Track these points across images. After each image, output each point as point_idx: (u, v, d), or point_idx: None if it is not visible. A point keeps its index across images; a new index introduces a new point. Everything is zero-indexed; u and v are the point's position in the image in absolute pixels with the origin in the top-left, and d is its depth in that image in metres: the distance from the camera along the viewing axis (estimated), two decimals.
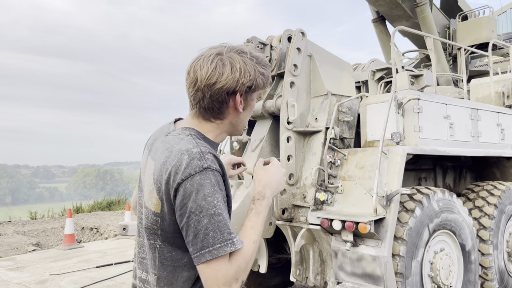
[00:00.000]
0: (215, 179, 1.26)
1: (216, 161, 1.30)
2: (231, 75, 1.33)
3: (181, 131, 1.40)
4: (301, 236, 3.88)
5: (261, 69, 1.40)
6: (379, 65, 5.55)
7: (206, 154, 1.28)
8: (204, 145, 1.33)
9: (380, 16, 6.72)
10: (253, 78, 1.37)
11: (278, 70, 4.35)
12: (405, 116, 3.94)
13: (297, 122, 4.14)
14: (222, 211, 1.23)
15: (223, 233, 1.21)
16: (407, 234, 3.53)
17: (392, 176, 3.57)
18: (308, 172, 4.04)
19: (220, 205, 1.23)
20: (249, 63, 1.37)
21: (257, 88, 1.41)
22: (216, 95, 1.35)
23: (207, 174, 1.24)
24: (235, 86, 1.34)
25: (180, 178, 1.24)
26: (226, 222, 1.23)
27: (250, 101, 1.45)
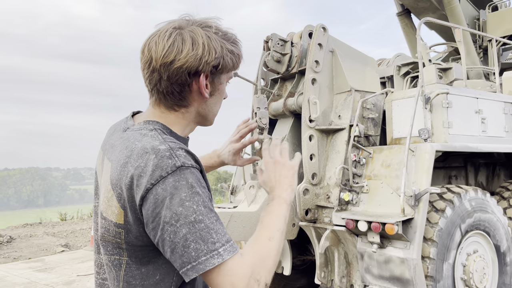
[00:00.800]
0: (194, 178, 1.04)
1: (190, 156, 1.08)
2: (192, 52, 1.11)
3: (143, 125, 1.17)
4: (325, 237, 3.75)
5: (229, 46, 1.18)
6: (404, 59, 5.36)
7: (176, 150, 1.07)
8: (173, 141, 1.11)
9: (405, 9, 6.50)
10: (219, 56, 1.14)
11: (299, 67, 4.24)
12: (433, 112, 3.76)
13: (320, 120, 4.02)
14: (203, 217, 1.01)
15: (206, 243, 0.99)
16: (438, 235, 3.36)
17: (420, 174, 3.40)
18: (332, 171, 3.92)
19: (201, 210, 1.01)
20: (215, 39, 1.15)
21: (225, 69, 1.18)
22: (175, 76, 1.12)
23: (182, 174, 1.02)
24: (198, 65, 1.12)
25: (149, 182, 1.02)
26: (209, 230, 1.00)
27: (219, 85, 1.21)
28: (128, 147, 1.11)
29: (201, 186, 1.06)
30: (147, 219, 1.03)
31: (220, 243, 1.00)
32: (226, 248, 1.01)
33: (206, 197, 1.05)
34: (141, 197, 1.03)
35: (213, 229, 1.01)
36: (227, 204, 5.02)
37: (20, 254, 8.96)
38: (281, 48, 4.25)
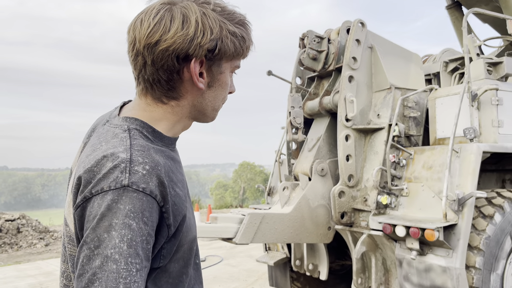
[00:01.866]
0: (137, 206, 0.83)
1: (151, 180, 0.86)
2: (181, 31, 0.92)
3: (121, 122, 0.99)
4: (361, 242, 3.58)
5: (232, 27, 0.96)
6: (452, 55, 5.03)
7: (136, 165, 0.86)
8: (143, 150, 0.90)
9: (455, 2, 6.11)
10: (216, 38, 0.94)
11: (337, 64, 4.09)
12: (481, 110, 3.48)
13: (357, 119, 3.85)
14: (120, 258, 0.79)
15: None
16: (485, 243, 3.10)
17: (465, 177, 3.15)
18: (370, 173, 3.73)
19: (122, 248, 0.79)
20: (213, 17, 0.95)
21: (226, 55, 0.97)
22: (160, 60, 0.93)
23: (123, 196, 0.82)
24: (187, 47, 0.92)
25: (89, 191, 0.85)
26: (118, 278, 0.78)
27: (218, 75, 1.00)
28: (93, 146, 0.96)
29: (142, 220, 0.83)
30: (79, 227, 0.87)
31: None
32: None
33: (142, 235, 0.82)
34: (77, 205, 0.87)
35: (125, 279, 0.79)
36: (264, 205, 4.95)
37: None
38: (317, 45, 4.12)
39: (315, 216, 3.82)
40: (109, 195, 0.83)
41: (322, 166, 3.91)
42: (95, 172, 0.87)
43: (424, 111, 3.95)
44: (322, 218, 3.85)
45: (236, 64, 1.04)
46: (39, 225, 10.91)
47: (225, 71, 1.02)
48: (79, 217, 0.87)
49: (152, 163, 0.89)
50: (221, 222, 3.57)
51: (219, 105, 1.07)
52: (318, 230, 3.85)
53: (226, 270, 6.90)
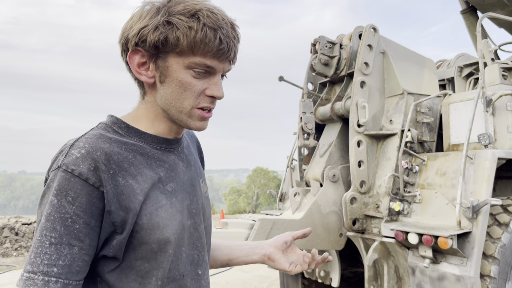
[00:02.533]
0: (63, 185, 0.88)
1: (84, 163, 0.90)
2: (124, 25, 1.00)
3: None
4: (373, 249, 3.54)
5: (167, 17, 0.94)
6: (467, 60, 4.96)
7: (74, 148, 0.91)
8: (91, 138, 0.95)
9: (470, 6, 6.04)
10: (142, 27, 0.95)
11: (348, 69, 4.07)
12: (496, 115, 3.42)
13: (369, 124, 3.82)
14: (40, 231, 0.87)
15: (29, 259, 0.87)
16: (500, 252, 3.03)
17: (480, 184, 3.09)
18: (382, 179, 3.69)
19: (42, 222, 0.88)
20: (152, 11, 0.96)
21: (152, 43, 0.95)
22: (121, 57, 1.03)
23: (56, 175, 0.89)
24: (124, 40, 0.99)
25: (48, 173, 0.95)
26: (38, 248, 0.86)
27: (165, 69, 0.98)
28: None
29: (66, 198, 0.87)
30: None
31: (32, 267, 0.85)
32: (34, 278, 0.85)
33: (63, 213, 0.87)
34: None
35: (39, 249, 0.86)
36: (276, 211, 4.93)
37: None
38: (329, 51, 4.11)
39: (326, 223, 3.79)
40: (50, 175, 0.92)
41: (334, 172, 3.88)
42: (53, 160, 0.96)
43: (438, 116, 3.90)
44: (333, 224, 3.82)
45: (192, 61, 0.96)
46: None
47: (173, 65, 0.97)
48: None
49: (91, 148, 0.92)
50: (232, 227, 3.57)
51: (183, 106, 1.00)
52: (330, 237, 3.81)
53: (238, 276, 6.88)
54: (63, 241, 0.87)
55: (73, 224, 0.88)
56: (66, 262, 0.87)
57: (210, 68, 0.99)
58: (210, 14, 0.95)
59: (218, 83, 1.02)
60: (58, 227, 0.87)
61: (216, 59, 0.98)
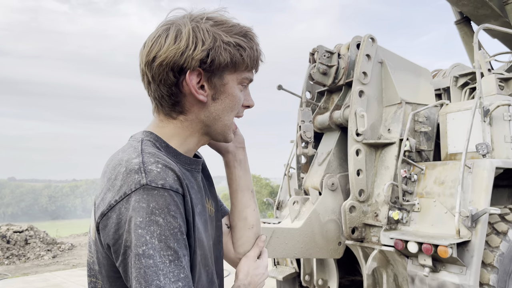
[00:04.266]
0: (160, 202, 0.87)
1: (167, 175, 0.90)
2: (173, 45, 0.96)
3: (138, 135, 1.04)
4: (372, 258, 3.55)
5: (229, 37, 0.98)
6: (462, 70, 5.03)
7: (149, 164, 0.90)
8: (153, 155, 0.94)
9: (464, 17, 6.14)
10: (208, 48, 0.95)
11: (347, 79, 4.10)
12: (494, 125, 3.47)
13: (368, 133, 3.85)
14: (154, 253, 0.84)
15: (149, 285, 0.83)
16: (498, 260, 3.06)
17: (478, 193, 3.12)
18: (381, 188, 3.71)
19: (153, 243, 0.85)
20: (206, 29, 0.97)
21: (223, 64, 0.98)
22: (158, 75, 0.97)
23: (144, 195, 0.86)
24: (180, 60, 0.95)
25: (113, 198, 0.89)
26: (157, 270, 0.84)
27: (222, 87, 1.01)
28: (112, 157, 1.01)
29: (169, 214, 0.87)
30: (110, 239, 0.89)
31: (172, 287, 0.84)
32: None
33: (172, 229, 0.87)
34: (102, 213, 0.90)
35: (163, 270, 0.85)
36: (273, 219, 4.93)
37: (79, 262, 9.39)
38: (327, 60, 4.15)
39: (325, 231, 3.80)
40: (132, 198, 0.87)
41: (333, 181, 3.89)
42: (112, 179, 0.92)
43: (435, 126, 3.94)
44: (332, 233, 3.83)
45: (244, 76, 1.04)
46: (46, 236, 10.95)
47: (229, 82, 1.02)
48: (104, 225, 0.90)
49: (164, 161, 0.93)
50: None
51: (229, 120, 1.05)
52: (329, 245, 3.82)
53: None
54: (179, 255, 0.88)
55: (181, 236, 0.89)
56: (185, 273, 0.88)
57: (251, 80, 1.08)
58: (254, 34, 1.04)
59: (249, 94, 1.11)
60: (171, 244, 0.87)
61: (253, 72, 1.08)
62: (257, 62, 1.05)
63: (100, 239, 0.93)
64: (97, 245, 0.96)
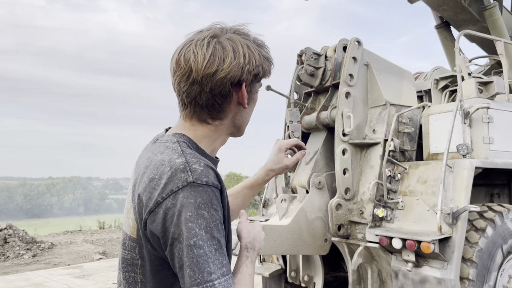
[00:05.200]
0: (205, 197, 0.98)
1: (207, 173, 1.01)
2: (234, 61, 1.07)
3: (170, 138, 1.13)
4: (358, 254, 3.67)
5: (265, 53, 1.14)
6: (443, 73, 5.22)
7: (193, 164, 1.01)
8: (193, 154, 1.06)
9: (444, 22, 6.34)
10: (259, 64, 1.11)
11: (333, 80, 4.22)
12: (473, 127, 3.63)
13: (354, 134, 3.97)
14: (203, 243, 0.95)
15: (202, 272, 0.94)
16: (477, 255, 3.22)
17: (459, 191, 3.28)
18: (366, 186, 3.84)
19: (201, 234, 0.95)
20: (252, 46, 1.11)
21: (263, 77, 1.16)
22: (218, 87, 1.07)
23: (192, 191, 0.97)
24: (240, 74, 1.08)
25: (160, 196, 0.99)
26: (207, 258, 0.95)
27: (254, 93, 1.19)
28: (149, 158, 1.10)
29: (212, 207, 0.98)
30: (158, 233, 0.99)
31: (216, 275, 0.95)
32: (221, 282, 0.95)
33: (214, 221, 0.98)
34: (150, 210, 1.00)
35: (211, 258, 0.95)
36: (259, 217, 5.01)
37: (60, 260, 9.28)
38: (314, 62, 4.25)
39: (312, 228, 3.90)
40: (179, 194, 0.97)
41: (320, 179, 4.00)
42: (157, 179, 1.02)
43: (418, 127, 4.10)
44: (319, 230, 3.94)
45: (260, 83, 1.21)
46: (26, 235, 10.76)
47: (257, 89, 1.21)
48: (152, 220, 1.00)
49: (204, 161, 1.05)
50: None
51: (249, 119, 1.24)
52: (315, 242, 3.93)
53: None
54: (221, 244, 0.99)
55: (221, 227, 1.01)
56: (227, 260, 1.00)
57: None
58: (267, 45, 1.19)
59: None
60: (216, 234, 0.98)
61: None
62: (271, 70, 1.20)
63: (147, 234, 1.02)
64: (140, 242, 1.06)
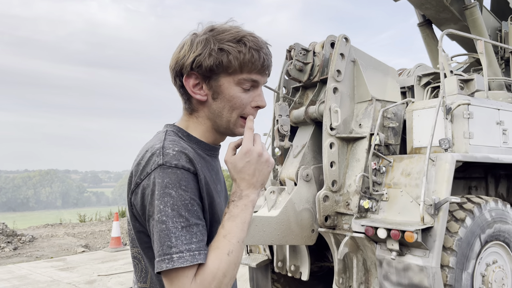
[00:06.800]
0: (172, 178, 1.03)
1: (180, 157, 1.06)
2: (177, 54, 1.17)
3: (164, 128, 1.24)
4: (344, 244, 3.81)
5: (217, 44, 1.12)
6: (425, 70, 5.40)
7: (167, 149, 1.08)
8: (173, 141, 1.12)
9: (426, 20, 6.53)
10: (198, 55, 1.12)
11: (321, 76, 4.33)
12: (454, 122, 3.80)
13: (341, 128, 4.09)
14: (167, 219, 1.01)
15: (163, 245, 0.99)
16: (457, 244, 3.39)
17: (441, 184, 3.44)
18: (352, 179, 3.98)
19: (166, 211, 1.01)
20: (202, 38, 1.14)
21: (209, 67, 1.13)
22: (172, 79, 1.20)
23: (161, 172, 1.04)
24: (179, 66, 1.16)
25: (139, 178, 1.08)
26: (169, 233, 1.00)
27: (218, 88, 1.15)
28: (142, 147, 1.19)
29: (180, 188, 1.03)
30: (140, 212, 1.09)
31: (177, 249, 0.99)
32: (182, 256, 0.98)
33: (183, 200, 1.03)
34: (132, 190, 1.10)
35: (175, 234, 1.00)
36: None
37: (42, 253, 9.20)
38: (303, 57, 4.35)
39: (300, 219, 4.03)
40: (152, 175, 1.05)
41: (307, 172, 4.12)
42: (140, 163, 1.10)
43: (402, 122, 4.25)
44: (306, 221, 4.06)
45: (241, 78, 1.15)
46: (6, 228, 10.61)
47: (224, 84, 1.15)
48: (134, 200, 1.09)
49: (181, 147, 1.10)
50: None
51: (232, 117, 1.18)
52: (303, 233, 4.05)
53: None
54: (191, 223, 1.03)
55: (192, 207, 1.05)
56: (198, 238, 1.03)
57: (255, 82, 1.18)
58: (252, 39, 1.15)
59: (261, 94, 1.21)
60: (183, 212, 1.03)
61: (259, 74, 1.18)
62: (253, 64, 1.14)
63: (134, 213, 1.12)
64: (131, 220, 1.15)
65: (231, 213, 1.10)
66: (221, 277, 1.02)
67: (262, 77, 1.19)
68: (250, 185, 1.13)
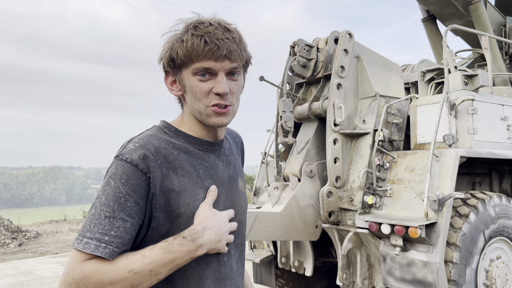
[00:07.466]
0: (118, 170, 1.08)
1: (135, 153, 1.09)
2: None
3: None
4: (348, 239, 3.82)
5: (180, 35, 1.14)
6: (429, 65, 5.37)
7: (130, 143, 1.13)
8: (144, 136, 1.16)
9: (430, 15, 6.50)
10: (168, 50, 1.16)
11: (325, 72, 4.33)
12: (458, 118, 3.80)
13: (344, 124, 4.10)
14: (98, 205, 1.06)
15: (84, 227, 1.05)
16: (461, 240, 3.40)
17: (445, 179, 3.44)
18: (356, 175, 3.98)
19: (101, 199, 1.06)
20: (174, 34, 1.17)
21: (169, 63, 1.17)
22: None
23: (114, 163, 1.10)
24: (162, 65, 1.21)
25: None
26: (92, 219, 1.04)
27: (182, 81, 1.18)
28: None
29: (120, 180, 1.06)
30: None
31: (91, 235, 1.02)
32: (90, 242, 1.01)
33: (117, 193, 1.05)
34: None
35: (97, 221, 1.04)
36: (250, 205, 5.13)
37: (47, 249, 9.27)
38: (307, 53, 4.35)
39: (304, 215, 4.04)
40: (111, 164, 1.12)
41: (311, 168, 4.13)
42: None
43: (405, 118, 4.24)
44: (310, 217, 4.07)
45: (194, 67, 1.13)
46: (11, 224, 10.68)
47: (185, 76, 1.16)
48: None
49: (144, 143, 1.12)
50: None
51: (200, 107, 1.16)
52: (307, 228, 4.06)
53: None
54: (116, 216, 1.05)
55: (125, 202, 1.06)
56: (118, 233, 1.04)
57: (209, 69, 1.14)
58: (198, 25, 1.13)
59: (221, 81, 1.14)
60: (112, 203, 1.05)
61: (211, 60, 1.12)
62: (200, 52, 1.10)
63: None
64: None
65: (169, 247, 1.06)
66: (107, 283, 1.00)
67: (216, 63, 1.13)
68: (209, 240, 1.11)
